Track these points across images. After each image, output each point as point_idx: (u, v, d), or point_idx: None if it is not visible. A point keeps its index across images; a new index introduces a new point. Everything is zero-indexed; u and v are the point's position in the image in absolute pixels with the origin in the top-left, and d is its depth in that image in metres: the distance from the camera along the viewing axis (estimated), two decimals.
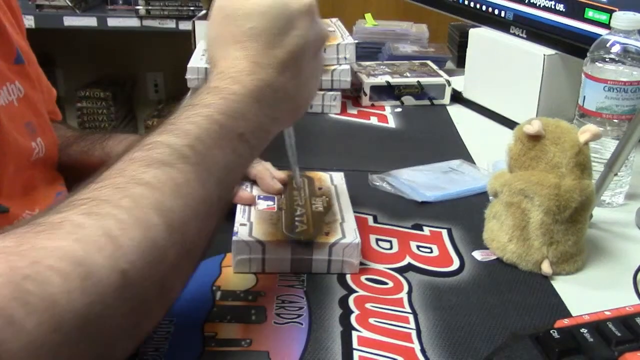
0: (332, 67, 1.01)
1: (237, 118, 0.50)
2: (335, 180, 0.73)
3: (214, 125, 0.48)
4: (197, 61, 1.01)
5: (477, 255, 0.66)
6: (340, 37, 1.04)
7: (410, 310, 0.57)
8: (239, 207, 0.66)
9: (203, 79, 0.99)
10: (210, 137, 0.48)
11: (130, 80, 2.79)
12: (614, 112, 0.73)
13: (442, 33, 1.48)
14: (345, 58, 1.02)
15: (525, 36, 0.97)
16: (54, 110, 0.85)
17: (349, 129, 1.00)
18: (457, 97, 1.10)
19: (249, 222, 0.63)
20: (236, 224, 0.63)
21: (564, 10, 0.90)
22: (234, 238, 0.61)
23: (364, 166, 0.84)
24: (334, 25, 1.12)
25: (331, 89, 1.03)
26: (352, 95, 1.10)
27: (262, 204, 0.67)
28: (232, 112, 0.50)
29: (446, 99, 1.10)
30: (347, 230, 0.62)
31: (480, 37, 1.05)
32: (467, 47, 1.08)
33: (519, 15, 0.98)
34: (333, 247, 0.61)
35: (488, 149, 0.88)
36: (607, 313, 0.51)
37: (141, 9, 2.24)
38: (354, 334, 0.54)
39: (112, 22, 2.28)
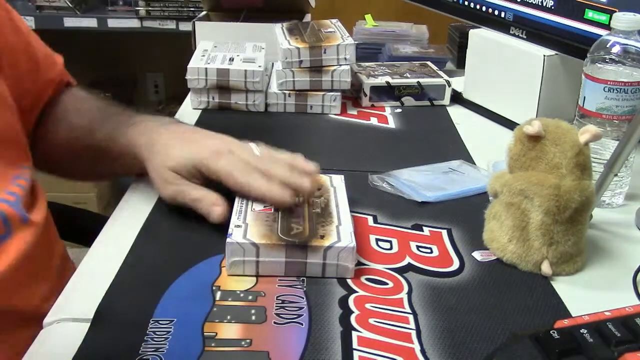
0: (332, 68, 1.02)
1: None
2: (334, 182, 0.73)
3: None
4: (197, 62, 1.01)
5: (477, 255, 0.66)
6: (340, 37, 1.04)
7: (410, 311, 0.57)
8: (235, 208, 0.66)
9: (203, 79, 0.99)
10: None
11: (131, 81, 2.78)
12: (614, 112, 0.73)
13: (442, 34, 1.48)
14: (346, 59, 1.02)
15: (525, 37, 0.97)
16: (60, 78, 0.85)
17: (349, 129, 1.00)
18: (457, 98, 1.10)
19: (244, 224, 0.63)
20: (231, 225, 0.63)
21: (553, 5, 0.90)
22: (228, 240, 0.60)
23: (364, 166, 0.84)
24: (333, 26, 1.12)
25: (331, 90, 1.03)
26: (352, 95, 1.10)
27: (259, 205, 0.67)
28: None
29: (446, 100, 1.10)
30: (342, 234, 0.62)
31: (480, 37, 1.05)
32: (467, 47, 1.08)
33: (519, 16, 0.98)
34: (328, 250, 0.60)
35: (488, 150, 0.88)
36: (607, 313, 0.51)
37: (141, 10, 2.24)
38: (354, 334, 0.54)
39: (112, 23, 2.28)
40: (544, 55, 0.92)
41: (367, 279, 0.61)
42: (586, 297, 0.60)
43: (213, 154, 0.69)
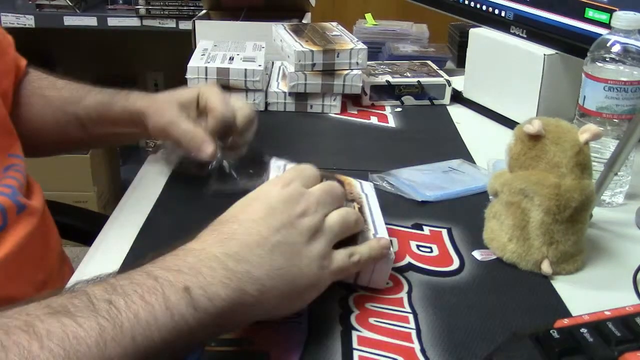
0: (345, 72, 1.01)
1: (180, 271, 0.45)
2: (365, 189, 0.69)
3: (147, 279, 0.44)
4: (197, 61, 1.01)
5: (477, 255, 0.66)
6: (351, 42, 1.04)
7: (410, 310, 0.57)
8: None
9: (203, 78, 0.99)
10: (136, 290, 0.43)
11: (131, 79, 2.78)
12: (614, 111, 0.73)
13: (442, 33, 1.48)
14: (357, 63, 1.02)
15: (525, 36, 0.97)
16: (17, 57, 0.85)
17: (349, 128, 1.00)
18: (457, 97, 1.10)
19: None
20: None
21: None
22: None
23: (364, 165, 0.84)
24: (337, 29, 1.12)
25: (342, 94, 1.03)
26: (353, 95, 1.10)
27: None
28: (176, 265, 0.46)
29: (446, 99, 1.10)
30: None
31: (480, 37, 1.05)
32: (467, 47, 1.08)
33: (519, 15, 0.98)
34: None
35: (488, 149, 0.88)
36: (607, 313, 0.51)
37: (141, 8, 2.24)
38: (354, 333, 0.54)
39: (112, 21, 2.28)
40: (544, 54, 0.92)
41: None
42: (586, 296, 0.60)
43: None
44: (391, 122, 1.02)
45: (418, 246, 0.67)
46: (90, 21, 2.28)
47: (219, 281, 0.46)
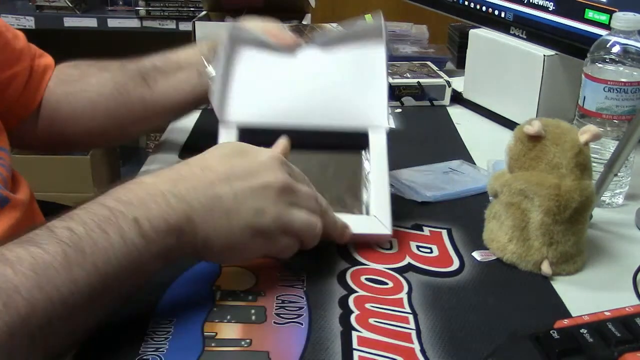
0: None
1: (131, 203, 0.50)
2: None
3: (102, 209, 0.49)
4: None
5: (477, 255, 0.66)
6: None
7: (410, 311, 0.57)
8: None
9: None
10: (93, 219, 0.47)
11: None
12: (614, 112, 0.73)
13: (442, 34, 1.48)
14: None
15: (525, 37, 0.97)
16: (34, 52, 0.87)
17: None
18: (457, 98, 1.10)
19: None
20: None
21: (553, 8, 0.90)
22: None
23: None
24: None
25: None
26: None
27: None
28: (127, 197, 0.50)
29: (446, 100, 1.10)
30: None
31: (480, 37, 1.05)
32: (467, 47, 1.08)
33: (519, 16, 0.98)
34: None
35: (488, 149, 0.88)
36: (607, 313, 0.51)
37: (141, 9, 2.24)
38: (354, 334, 0.54)
39: (112, 22, 2.28)
40: (544, 55, 0.92)
41: (367, 279, 0.61)
42: (586, 297, 0.60)
43: None
44: (391, 123, 1.02)
45: (418, 247, 0.67)
46: (90, 22, 2.28)
47: (161, 216, 0.50)
